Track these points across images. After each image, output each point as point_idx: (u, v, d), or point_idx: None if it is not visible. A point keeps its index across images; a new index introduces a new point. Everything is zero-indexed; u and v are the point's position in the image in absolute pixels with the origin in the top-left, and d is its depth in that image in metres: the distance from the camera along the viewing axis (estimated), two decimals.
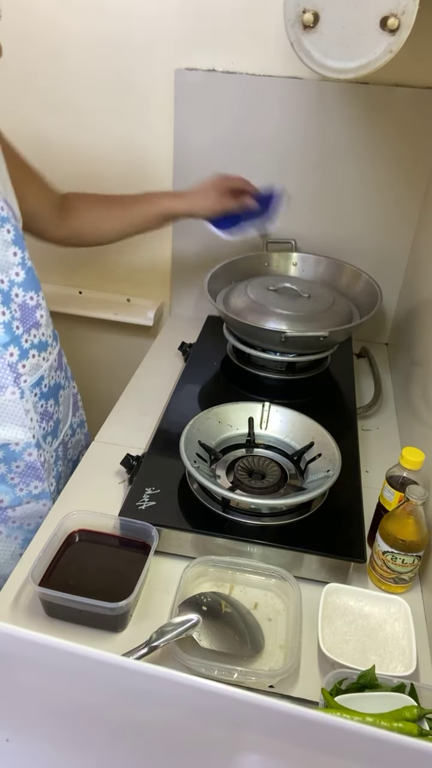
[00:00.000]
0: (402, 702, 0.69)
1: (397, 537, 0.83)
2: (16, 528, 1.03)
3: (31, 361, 0.96)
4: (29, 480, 1.00)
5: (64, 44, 1.31)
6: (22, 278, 0.92)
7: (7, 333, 0.91)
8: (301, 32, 0.73)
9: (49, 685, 0.40)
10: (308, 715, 0.34)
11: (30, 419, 0.97)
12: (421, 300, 1.23)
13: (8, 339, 0.91)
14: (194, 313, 1.55)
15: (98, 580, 0.83)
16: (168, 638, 0.74)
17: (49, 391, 1.02)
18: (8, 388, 0.93)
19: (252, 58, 1.25)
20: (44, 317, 0.98)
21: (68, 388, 1.12)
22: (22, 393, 0.95)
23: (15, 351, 0.93)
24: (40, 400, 0.99)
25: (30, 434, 0.97)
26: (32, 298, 0.95)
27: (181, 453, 0.93)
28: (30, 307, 0.95)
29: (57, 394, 1.05)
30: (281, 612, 0.83)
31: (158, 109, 1.34)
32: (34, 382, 0.97)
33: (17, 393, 0.94)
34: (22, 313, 0.93)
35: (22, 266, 0.92)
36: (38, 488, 1.02)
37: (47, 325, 1.00)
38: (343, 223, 1.38)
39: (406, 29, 0.69)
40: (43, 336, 0.98)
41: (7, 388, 0.93)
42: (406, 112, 1.24)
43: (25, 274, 0.93)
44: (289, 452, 1.03)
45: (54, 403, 1.04)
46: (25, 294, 0.94)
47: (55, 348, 1.04)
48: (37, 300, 0.96)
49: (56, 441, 1.07)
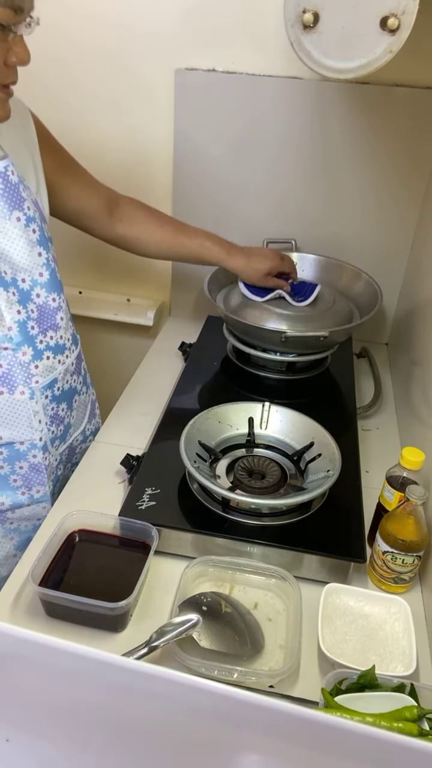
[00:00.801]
0: (402, 702, 0.69)
1: (397, 537, 0.83)
2: (12, 529, 1.03)
3: (45, 362, 0.95)
4: (31, 484, 1.00)
5: (64, 44, 1.31)
6: (45, 279, 0.92)
7: (21, 332, 0.90)
8: (301, 32, 0.73)
9: (49, 685, 0.40)
10: (308, 715, 0.34)
11: (39, 421, 0.96)
12: (421, 300, 1.23)
13: (22, 338, 0.91)
14: (194, 313, 1.55)
15: (98, 580, 0.83)
16: (168, 638, 0.74)
17: (62, 395, 1.00)
18: (18, 388, 0.93)
19: (252, 58, 1.25)
20: (64, 320, 0.97)
21: (85, 394, 1.11)
22: (33, 393, 0.94)
23: (28, 351, 0.92)
24: (52, 402, 0.98)
25: (37, 436, 0.96)
26: (54, 300, 0.94)
27: (181, 453, 0.93)
28: (51, 309, 0.94)
29: (71, 398, 1.04)
30: (281, 612, 0.83)
31: (158, 109, 1.34)
32: (46, 384, 0.96)
33: (27, 393, 0.94)
34: (40, 314, 0.93)
35: (47, 267, 0.92)
36: (40, 492, 1.01)
37: (66, 329, 0.99)
38: (343, 223, 1.38)
39: (406, 29, 0.69)
40: (61, 339, 0.97)
41: (17, 387, 0.93)
42: (406, 112, 1.24)
43: (49, 275, 0.93)
44: (289, 452, 1.03)
45: (67, 407, 1.03)
46: (48, 295, 0.93)
47: (74, 352, 1.03)
48: (59, 302, 0.95)
49: (63, 445, 1.06)
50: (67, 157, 1.04)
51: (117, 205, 1.12)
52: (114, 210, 1.12)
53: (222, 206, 1.42)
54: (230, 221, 1.41)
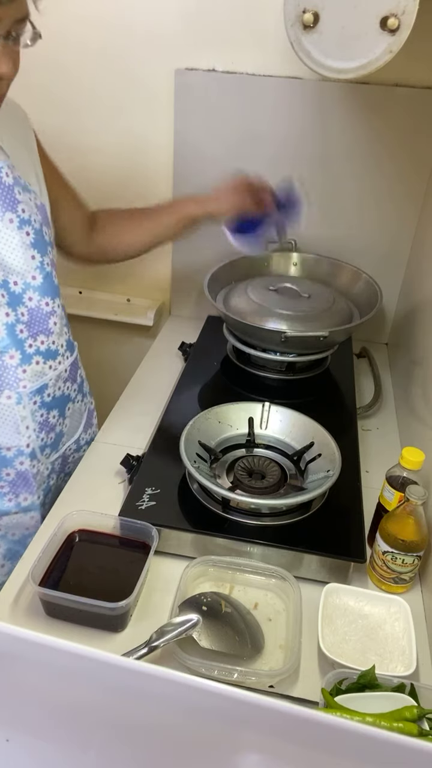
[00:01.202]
0: (402, 702, 0.69)
1: (397, 537, 0.83)
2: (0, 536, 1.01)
3: (34, 367, 0.93)
4: (19, 491, 0.98)
5: (63, 44, 1.31)
6: (39, 282, 0.91)
7: (8, 335, 0.89)
8: (301, 32, 0.73)
9: (49, 685, 0.40)
10: (308, 715, 0.34)
11: (26, 427, 0.94)
12: (421, 300, 1.23)
13: (9, 341, 0.89)
14: (194, 313, 1.55)
15: (98, 580, 0.83)
16: (168, 638, 0.74)
17: (53, 402, 0.98)
18: (4, 392, 0.91)
19: (252, 58, 1.25)
20: (58, 325, 0.95)
21: (81, 402, 1.08)
22: (20, 398, 0.92)
23: (16, 354, 0.90)
24: (41, 408, 0.96)
25: (24, 442, 0.95)
26: (47, 304, 0.93)
27: (181, 453, 0.93)
28: (43, 313, 0.92)
29: (63, 406, 1.02)
30: (281, 612, 0.83)
31: (158, 109, 1.34)
32: (35, 389, 0.94)
33: (14, 398, 0.92)
34: (31, 318, 0.91)
35: (41, 270, 0.90)
36: (27, 500, 0.99)
37: (60, 334, 0.97)
38: (343, 223, 1.38)
39: (406, 29, 0.69)
40: (53, 344, 0.95)
41: (3, 391, 0.91)
42: (406, 112, 1.24)
43: (43, 279, 0.91)
44: (289, 452, 1.03)
45: (59, 414, 1.01)
46: (41, 299, 0.92)
47: (68, 359, 1.00)
48: (53, 307, 0.93)
49: (56, 454, 1.04)
50: (57, 169, 1.02)
51: (95, 220, 1.11)
52: (90, 226, 1.11)
53: None
54: None
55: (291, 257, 1.41)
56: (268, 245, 1.24)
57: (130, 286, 1.58)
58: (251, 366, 1.28)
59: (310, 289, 1.27)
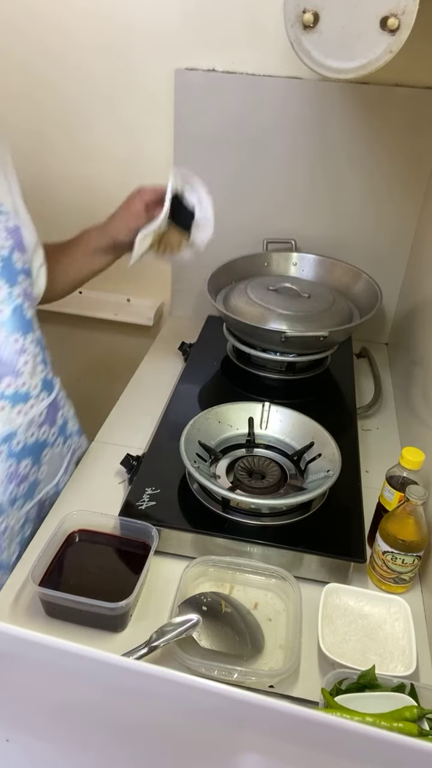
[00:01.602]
0: (402, 702, 0.69)
1: (397, 537, 0.83)
2: None
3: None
4: None
5: (63, 44, 1.31)
6: (6, 316, 0.82)
7: None
8: (301, 32, 0.73)
9: (49, 685, 0.40)
10: (308, 715, 0.34)
11: None
12: (421, 300, 1.23)
13: None
14: (194, 313, 1.55)
15: (98, 580, 0.83)
16: (168, 638, 0.74)
17: (23, 450, 0.87)
18: None
19: (252, 58, 1.25)
20: (29, 364, 0.85)
21: (61, 446, 0.98)
22: None
23: None
24: (9, 459, 0.85)
25: None
26: (16, 341, 0.83)
27: (181, 453, 0.93)
28: (9, 353, 0.82)
29: (38, 453, 0.92)
30: (281, 612, 0.83)
31: (158, 109, 1.34)
32: (0, 438, 0.83)
33: None
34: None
35: (8, 303, 0.81)
36: None
37: (33, 374, 0.86)
38: (342, 223, 1.38)
39: (406, 29, 0.69)
40: (23, 386, 0.85)
41: None
42: (406, 112, 1.24)
43: (11, 313, 0.82)
44: (289, 452, 1.03)
45: (32, 463, 0.90)
46: (8, 335, 0.82)
47: (44, 400, 0.90)
48: (23, 344, 0.84)
49: (30, 503, 0.93)
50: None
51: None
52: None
53: (221, 206, 1.41)
54: (230, 221, 1.41)
55: (291, 257, 1.41)
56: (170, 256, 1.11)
57: (130, 286, 1.58)
58: (251, 366, 1.28)
59: (310, 289, 1.27)
